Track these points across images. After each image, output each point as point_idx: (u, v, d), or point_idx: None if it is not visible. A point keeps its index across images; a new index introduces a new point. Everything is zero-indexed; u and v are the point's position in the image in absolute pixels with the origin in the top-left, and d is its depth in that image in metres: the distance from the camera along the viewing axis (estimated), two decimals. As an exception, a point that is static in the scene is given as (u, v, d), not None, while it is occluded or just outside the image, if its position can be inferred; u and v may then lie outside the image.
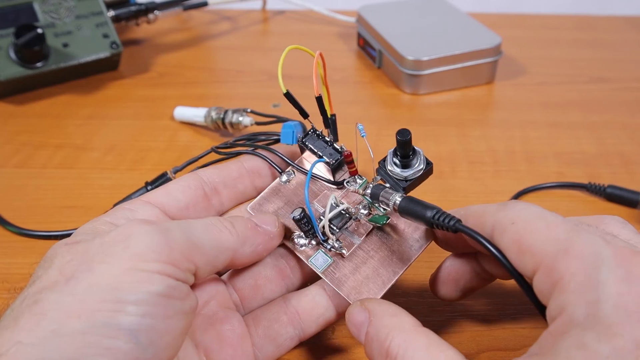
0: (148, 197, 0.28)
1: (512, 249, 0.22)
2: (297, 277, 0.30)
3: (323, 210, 0.28)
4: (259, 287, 0.29)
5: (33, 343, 0.19)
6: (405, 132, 0.28)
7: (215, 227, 0.25)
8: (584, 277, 0.19)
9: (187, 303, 0.23)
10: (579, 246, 0.20)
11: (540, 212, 0.22)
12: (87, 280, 0.21)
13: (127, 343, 0.20)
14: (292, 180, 0.31)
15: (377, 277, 0.28)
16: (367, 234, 0.29)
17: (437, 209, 0.25)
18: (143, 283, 0.21)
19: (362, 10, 0.61)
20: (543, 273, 0.21)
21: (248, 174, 0.31)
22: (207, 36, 0.68)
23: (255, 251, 0.27)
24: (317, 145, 0.30)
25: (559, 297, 0.20)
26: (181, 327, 0.22)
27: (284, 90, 0.29)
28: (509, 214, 0.23)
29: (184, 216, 0.28)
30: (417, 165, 0.29)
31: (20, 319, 0.20)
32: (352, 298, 0.27)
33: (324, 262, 0.28)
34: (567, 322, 0.19)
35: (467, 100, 0.54)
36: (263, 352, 0.28)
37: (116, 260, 0.21)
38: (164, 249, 0.22)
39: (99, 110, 0.52)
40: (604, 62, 0.61)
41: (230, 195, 0.30)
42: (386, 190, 0.27)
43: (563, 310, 0.19)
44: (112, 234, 0.23)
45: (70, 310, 0.20)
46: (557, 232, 0.21)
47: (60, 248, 0.23)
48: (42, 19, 0.53)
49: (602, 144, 0.47)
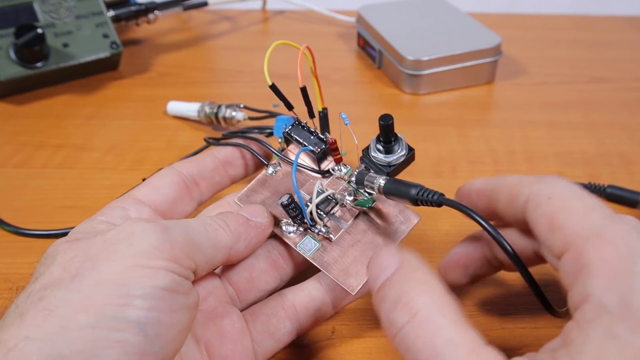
0: (137, 194, 0.28)
1: (544, 223, 0.22)
2: (289, 266, 0.30)
3: (310, 197, 0.29)
4: (254, 280, 0.29)
5: (42, 338, 0.19)
6: (387, 117, 0.28)
7: (211, 226, 0.26)
8: (617, 266, 0.19)
9: (190, 298, 0.23)
10: (614, 234, 0.20)
11: (580, 192, 0.22)
12: (93, 277, 0.21)
13: (136, 336, 0.20)
14: (278, 172, 0.31)
15: (365, 259, 0.28)
16: (354, 219, 0.30)
17: (420, 186, 0.26)
18: (148, 278, 0.21)
19: (362, 10, 0.61)
20: (572, 255, 0.20)
21: (222, 164, 0.31)
22: (207, 36, 0.68)
23: (250, 245, 0.28)
24: (302, 136, 0.31)
25: (586, 282, 0.19)
26: (186, 320, 0.23)
27: (269, 82, 0.30)
28: (546, 188, 0.22)
29: (172, 210, 0.29)
30: (399, 151, 0.30)
31: (26, 316, 0.20)
32: (341, 280, 0.28)
33: (312, 246, 0.29)
34: (597, 309, 0.18)
35: (467, 100, 0.54)
36: (262, 346, 0.28)
37: (120, 258, 0.22)
38: (167, 247, 0.22)
39: (99, 110, 0.52)
40: (604, 62, 0.61)
41: (209, 187, 0.31)
42: (370, 175, 0.28)
43: (590, 296, 0.19)
44: (114, 231, 0.23)
45: (77, 305, 0.20)
46: (594, 216, 0.20)
47: (61, 245, 0.23)
48: (42, 19, 0.53)
49: (602, 144, 0.47)
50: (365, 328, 0.32)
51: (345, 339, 0.31)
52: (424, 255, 0.28)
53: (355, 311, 0.32)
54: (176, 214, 0.29)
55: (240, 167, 0.32)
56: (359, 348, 0.30)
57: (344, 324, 0.32)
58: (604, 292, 0.18)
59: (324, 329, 0.31)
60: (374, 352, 0.30)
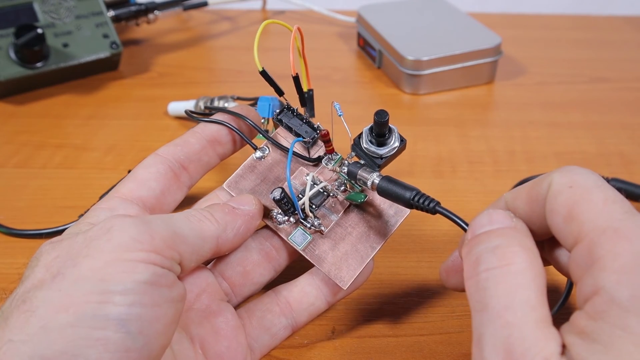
0: (123, 192, 0.27)
1: (562, 212, 0.21)
2: (283, 257, 0.30)
3: (302, 189, 0.29)
4: (248, 273, 0.29)
5: (23, 340, 0.19)
6: (383, 114, 0.28)
7: (195, 217, 0.26)
8: (631, 260, 0.18)
9: (174, 291, 0.23)
10: (631, 230, 0.19)
11: (602, 183, 0.21)
12: (73, 275, 0.21)
13: (117, 333, 0.20)
14: (267, 156, 0.31)
15: (356, 252, 0.29)
16: (345, 211, 0.29)
17: (416, 190, 0.25)
18: (128, 273, 0.21)
19: (362, 10, 0.61)
20: (586, 246, 0.20)
21: (209, 143, 0.30)
22: (207, 36, 0.68)
23: (238, 234, 0.27)
24: (293, 122, 0.30)
25: (597, 275, 0.19)
26: (171, 314, 0.22)
27: (260, 68, 0.29)
28: (568, 176, 0.22)
29: (161, 202, 0.28)
30: (392, 143, 0.29)
31: (10, 319, 0.20)
32: (333, 274, 0.28)
33: (303, 239, 0.29)
34: (608, 301, 0.18)
35: (467, 100, 0.54)
36: (259, 342, 0.28)
37: (100, 253, 0.21)
38: (146, 238, 0.22)
39: (99, 110, 0.52)
40: (604, 62, 0.61)
41: (198, 169, 0.30)
42: (364, 169, 0.28)
43: (601, 289, 0.19)
44: (95, 228, 0.23)
45: (58, 305, 0.20)
46: (613, 209, 0.20)
47: (45, 247, 0.23)
48: (42, 19, 0.53)
49: (602, 144, 0.47)
50: (365, 328, 0.32)
51: (345, 339, 0.31)
52: (424, 255, 0.28)
53: (355, 311, 0.32)
54: (166, 205, 0.28)
55: (229, 144, 0.31)
56: (359, 348, 0.30)
57: (344, 324, 0.32)
58: (615, 286, 0.18)
59: (324, 329, 0.31)
60: (373, 352, 0.30)
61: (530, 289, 0.20)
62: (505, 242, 0.21)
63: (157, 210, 0.28)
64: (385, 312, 0.32)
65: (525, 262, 0.20)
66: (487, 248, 0.21)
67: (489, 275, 0.20)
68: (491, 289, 0.20)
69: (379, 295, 0.33)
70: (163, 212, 0.28)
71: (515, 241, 0.21)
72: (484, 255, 0.21)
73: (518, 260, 0.20)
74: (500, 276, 0.20)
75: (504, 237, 0.21)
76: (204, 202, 0.31)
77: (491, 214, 0.23)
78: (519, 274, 0.20)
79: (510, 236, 0.21)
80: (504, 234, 0.22)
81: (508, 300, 0.19)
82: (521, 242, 0.21)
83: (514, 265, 0.20)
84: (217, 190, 0.31)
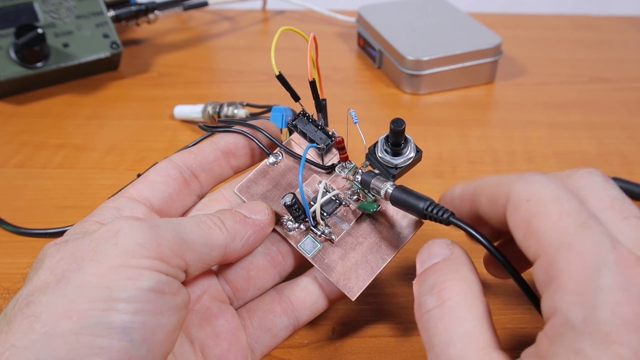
0: (132, 192, 0.27)
1: (521, 228, 0.21)
2: (289, 262, 0.30)
3: (314, 196, 0.28)
4: (252, 278, 0.29)
5: (26, 346, 0.19)
6: (399, 122, 0.28)
7: (205, 224, 0.25)
8: (584, 279, 0.18)
9: (178, 298, 0.23)
10: (583, 245, 0.19)
11: (558, 193, 0.20)
12: (78, 279, 0.21)
13: (120, 341, 0.20)
14: (279, 162, 0.30)
15: (366, 263, 0.28)
16: (356, 220, 0.29)
17: (430, 201, 0.25)
18: (133, 280, 0.21)
19: (362, 10, 0.61)
20: (542, 264, 0.20)
21: (223, 155, 0.29)
22: (207, 36, 0.68)
23: (247, 244, 0.27)
24: (308, 129, 0.30)
25: (554, 295, 0.19)
26: (174, 322, 0.22)
27: (277, 72, 0.29)
28: (526, 188, 0.21)
29: (169, 206, 0.28)
30: (408, 153, 0.29)
31: (14, 322, 0.20)
32: (341, 284, 0.27)
33: (313, 247, 0.28)
34: (563, 323, 0.18)
35: (467, 100, 0.54)
36: (260, 342, 0.28)
37: (105, 258, 0.21)
38: (153, 245, 0.22)
39: (99, 110, 0.52)
40: (604, 62, 0.61)
41: (209, 179, 0.30)
42: (377, 178, 0.27)
43: (557, 310, 0.19)
44: (101, 231, 0.22)
45: (62, 311, 0.20)
46: (567, 223, 0.19)
47: (49, 248, 0.23)
48: (43, 19, 0.53)
49: (602, 144, 0.47)
50: (365, 328, 0.32)
51: (345, 339, 0.31)
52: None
53: (355, 311, 0.32)
54: (174, 209, 0.28)
55: (244, 157, 0.30)
56: (359, 348, 0.30)
57: (344, 324, 0.32)
58: (569, 307, 0.18)
59: (324, 329, 0.31)
60: (373, 352, 0.30)
61: (467, 319, 0.21)
62: (440, 278, 0.22)
63: (164, 213, 0.28)
64: (385, 312, 0.32)
65: (459, 295, 0.21)
66: (425, 289, 0.22)
67: (430, 316, 0.21)
68: (432, 329, 0.21)
69: (379, 295, 0.33)
70: (170, 216, 0.28)
71: (449, 275, 0.22)
72: (423, 297, 0.22)
73: (453, 294, 0.21)
74: (439, 315, 0.21)
75: (439, 272, 0.22)
76: (209, 201, 0.30)
77: (430, 247, 0.24)
78: (455, 307, 0.21)
79: (445, 270, 0.22)
80: (439, 269, 0.23)
81: (448, 336, 0.20)
82: (455, 274, 0.22)
83: (449, 300, 0.21)
84: (222, 189, 0.30)
